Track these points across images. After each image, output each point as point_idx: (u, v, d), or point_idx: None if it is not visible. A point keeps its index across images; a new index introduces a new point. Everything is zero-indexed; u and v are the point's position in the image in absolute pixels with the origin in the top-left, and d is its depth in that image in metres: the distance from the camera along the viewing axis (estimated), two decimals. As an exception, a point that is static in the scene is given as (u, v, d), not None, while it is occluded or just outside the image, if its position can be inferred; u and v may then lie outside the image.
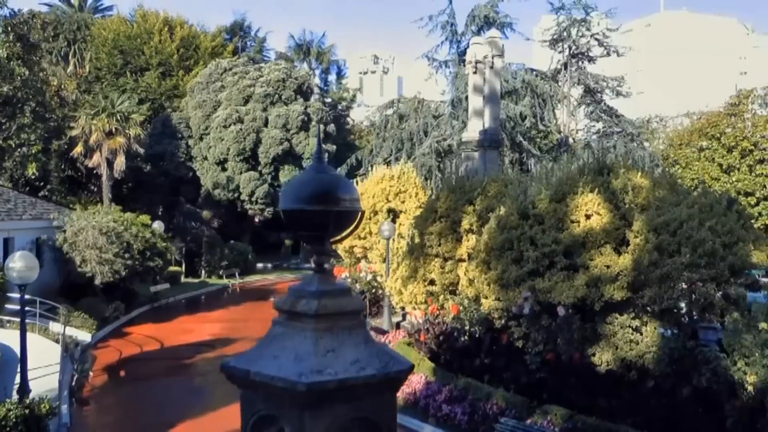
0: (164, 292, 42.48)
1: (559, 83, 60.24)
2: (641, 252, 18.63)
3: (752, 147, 47.92)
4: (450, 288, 26.86)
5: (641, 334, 19.34)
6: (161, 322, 36.09)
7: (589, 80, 59.05)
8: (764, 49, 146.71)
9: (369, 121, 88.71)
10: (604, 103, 60.07)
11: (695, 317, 19.25)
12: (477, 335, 22.30)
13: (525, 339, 20.27)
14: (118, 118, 44.40)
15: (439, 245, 26.45)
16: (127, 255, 34.95)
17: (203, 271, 54.44)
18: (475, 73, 33.30)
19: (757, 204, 47.26)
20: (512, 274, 19.75)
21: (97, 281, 34.03)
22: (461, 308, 23.64)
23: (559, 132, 59.55)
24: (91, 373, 24.73)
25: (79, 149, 44.69)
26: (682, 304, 19.17)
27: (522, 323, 20.05)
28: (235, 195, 60.88)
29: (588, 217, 20.07)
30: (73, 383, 22.88)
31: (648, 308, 19.01)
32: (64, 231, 34.83)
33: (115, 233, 34.73)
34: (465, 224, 25.55)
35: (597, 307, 19.24)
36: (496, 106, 33.78)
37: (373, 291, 35.14)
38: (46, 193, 55.26)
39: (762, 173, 47.16)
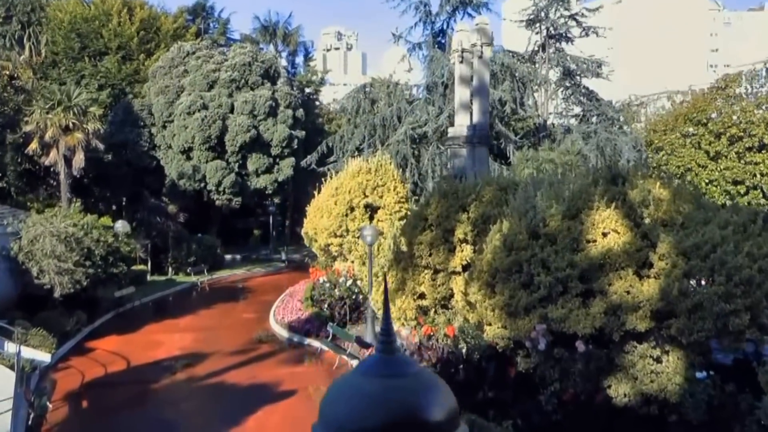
0: (129, 295, 39.94)
1: (536, 65, 58.25)
2: (668, 279, 16.62)
3: (741, 133, 46.10)
4: (442, 303, 24.81)
5: (661, 363, 17.43)
6: (127, 332, 33.61)
7: (568, 62, 57.02)
8: (735, 27, 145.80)
9: (338, 104, 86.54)
10: (584, 86, 58.08)
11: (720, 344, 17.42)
12: (478, 360, 20.24)
13: (534, 371, 18.26)
14: (75, 111, 41.33)
15: (430, 256, 24.31)
16: (88, 263, 32.40)
17: (170, 269, 51.88)
18: (461, 62, 31.06)
19: (746, 193, 45.59)
20: (522, 300, 17.64)
21: (57, 294, 31.46)
22: (458, 331, 21.58)
23: (538, 116, 57.60)
24: (50, 405, 22.33)
25: (34, 146, 41.64)
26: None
27: (531, 354, 18.00)
28: (202, 185, 58.30)
29: (605, 235, 18.01)
30: (29, 422, 20.56)
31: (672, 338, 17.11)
32: (20, 238, 32.20)
33: (75, 239, 32.14)
34: (459, 233, 23.42)
35: (616, 338, 17.27)
36: (485, 99, 31.54)
37: (354, 297, 32.95)
38: (5, 185, 52.65)
39: (752, 161, 45.40)
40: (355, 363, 26.87)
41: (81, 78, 61.30)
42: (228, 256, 61.12)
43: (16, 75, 51.98)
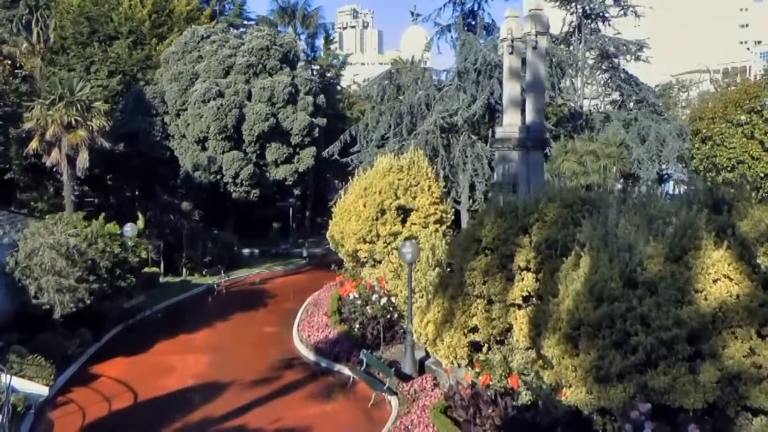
0: (140, 304, 36.76)
1: (571, 47, 54.61)
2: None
3: (802, 123, 42.20)
4: (498, 338, 21.43)
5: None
6: (135, 353, 30.37)
7: (607, 44, 53.27)
8: (766, 1, 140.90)
9: (359, 87, 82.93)
10: (623, 70, 54.36)
11: None
12: (550, 424, 16.83)
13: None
14: (78, 107, 37.77)
15: (484, 284, 20.88)
16: (92, 277, 29.06)
17: (184, 269, 48.61)
18: (511, 53, 27.43)
19: (805, 190, 41.83)
20: (615, 364, 14.23)
21: (57, 314, 28.19)
22: (522, 384, 18.20)
23: (574, 102, 53.97)
24: (42, 462, 19.19)
25: (34, 144, 38.17)
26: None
27: (623, 427, 14.58)
28: (218, 177, 54.92)
29: (714, 281, 14.58)
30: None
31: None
32: (17, 251, 28.91)
33: (78, 251, 28.83)
34: (520, 260, 19.94)
35: (731, 413, 13.91)
36: (540, 96, 27.75)
37: (388, 317, 29.56)
38: (12, 176, 49.75)
39: (813, 154, 41.53)
40: (393, 400, 23.58)
41: (90, 64, 57.96)
42: (246, 251, 57.94)
43: (19, 64, 48.85)
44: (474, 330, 21.45)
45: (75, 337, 29.37)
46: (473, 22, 52.81)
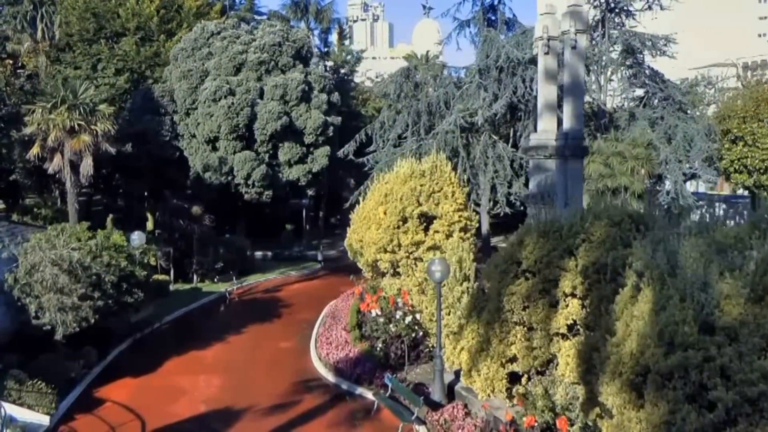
0: (148, 317, 34.98)
1: (594, 42, 52.60)
2: None
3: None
4: (539, 369, 19.56)
5: None
6: (143, 372, 28.54)
7: (632, 39, 51.22)
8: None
9: (372, 83, 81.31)
10: (648, 66, 52.28)
11: None
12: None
13: None
14: (82, 111, 35.82)
15: (524, 310, 19.01)
16: (97, 293, 27.16)
17: (195, 276, 46.83)
18: (547, 53, 25.47)
19: None
20: (690, 421, 12.30)
21: (59, 335, 26.37)
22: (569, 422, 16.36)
23: (598, 100, 51.97)
24: None
25: (35, 150, 36.34)
26: None
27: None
28: (229, 178, 53.22)
29: (804, 325, 12.64)
30: None
31: None
32: (17, 266, 27.09)
33: (81, 266, 26.96)
34: (565, 286, 18.02)
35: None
36: (580, 100, 25.76)
37: (413, 335, 27.72)
38: (17, 178, 48.17)
39: None
40: (422, 430, 21.74)
41: (97, 62, 56.33)
42: (258, 254, 56.39)
43: (22, 63, 47.10)
44: (512, 360, 19.59)
45: (79, 358, 27.63)
46: (493, 17, 50.97)
